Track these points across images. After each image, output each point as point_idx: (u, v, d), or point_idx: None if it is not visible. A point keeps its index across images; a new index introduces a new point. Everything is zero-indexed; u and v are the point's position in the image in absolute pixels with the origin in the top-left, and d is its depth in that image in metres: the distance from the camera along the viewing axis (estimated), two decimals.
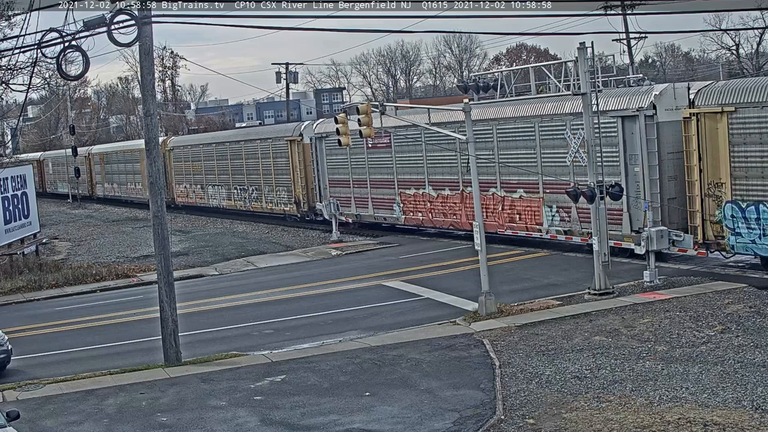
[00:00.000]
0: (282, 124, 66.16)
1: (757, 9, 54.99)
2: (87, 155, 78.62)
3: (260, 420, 16.32)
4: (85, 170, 77.31)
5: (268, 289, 30.20)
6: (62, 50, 20.29)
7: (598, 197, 23.60)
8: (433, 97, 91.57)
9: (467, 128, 24.02)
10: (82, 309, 29.88)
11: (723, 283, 23.81)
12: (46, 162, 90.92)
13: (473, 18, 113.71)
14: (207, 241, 44.20)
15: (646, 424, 14.19)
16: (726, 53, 78.82)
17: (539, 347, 19.37)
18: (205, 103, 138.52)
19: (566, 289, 25.21)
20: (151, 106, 21.31)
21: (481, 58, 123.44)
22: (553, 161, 30.12)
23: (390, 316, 24.29)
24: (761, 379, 15.87)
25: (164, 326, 21.08)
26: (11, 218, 37.83)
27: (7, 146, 60.29)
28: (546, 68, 29.31)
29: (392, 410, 16.16)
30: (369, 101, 43.75)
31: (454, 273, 29.48)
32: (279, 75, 75.80)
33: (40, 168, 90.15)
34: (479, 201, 24.20)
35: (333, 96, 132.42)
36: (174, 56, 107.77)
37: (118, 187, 72.36)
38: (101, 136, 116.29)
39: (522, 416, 15.26)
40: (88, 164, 78.16)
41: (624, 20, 57.40)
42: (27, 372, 21.67)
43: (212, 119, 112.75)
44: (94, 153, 78.77)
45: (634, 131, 27.03)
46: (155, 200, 21.33)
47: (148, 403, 17.85)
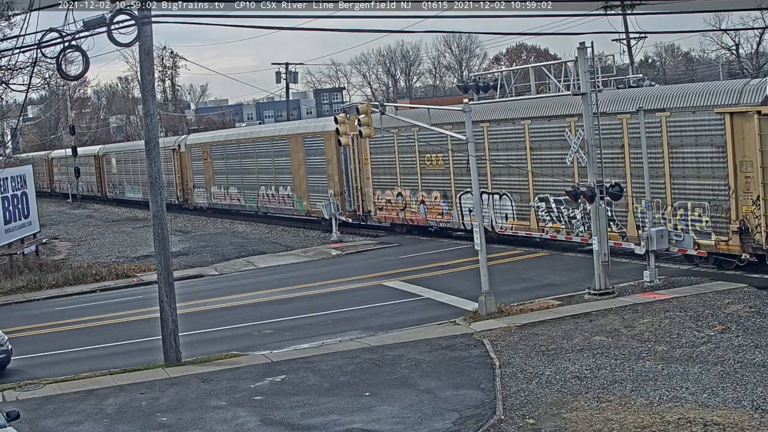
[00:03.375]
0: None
1: (757, 9, 54.99)
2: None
3: (260, 420, 16.32)
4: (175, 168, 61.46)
5: (268, 289, 30.20)
6: (62, 50, 20.29)
7: (598, 197, 23.61)
8: (433, 97, 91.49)
9: (467, 128, 24.02)
10: (82, 309, 29.88)
11: (723, 283, 23.80)
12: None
13: (473, 18, 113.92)
14: (207, 241, 44.20)
15: (646, 424, 14.19)
16: (726, 53, 78.89)
17: (539, 347, 19.37)
18: (205, 103, 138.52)
19: (566, 289, 25.22)
20: (151, 106, 21.31)
21: (481, 58, 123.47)
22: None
23: (390, 316, 24.29)
24: (761, 379, 15.87)
25: (164, 326, 21.09)
26: (11, 218, 37.82)
27: (7, 146, 60.41)
28: (546, 68, 29.33)
29: (392, 410, 16.16)
30: (369, 101, 43.90)
31: (454, 273, 29.48)
32: (279, 75, 75.81)
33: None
34: (479, 201, 24.20)
35: (333, 96, 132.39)
36: (174, 56, 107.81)
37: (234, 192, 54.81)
38: (101, 135, 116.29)
39: (522, 416, 15.26)
40: (178, 161, 61.10)
41: (624, 20, 57.43)
42: (27, 372, 21.67)
43: (212, 119, 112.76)
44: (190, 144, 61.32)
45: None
46: (155, 200, 21.33)
47: (148, 403, 17.84)
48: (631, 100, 27.54)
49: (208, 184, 56.22)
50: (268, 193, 49.01)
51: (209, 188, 56.13)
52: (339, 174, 42.31)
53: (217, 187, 55.14)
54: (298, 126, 49.48)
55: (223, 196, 54.67)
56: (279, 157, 47.65)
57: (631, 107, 27.02)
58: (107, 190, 76.12)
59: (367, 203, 40.79)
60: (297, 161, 45.87)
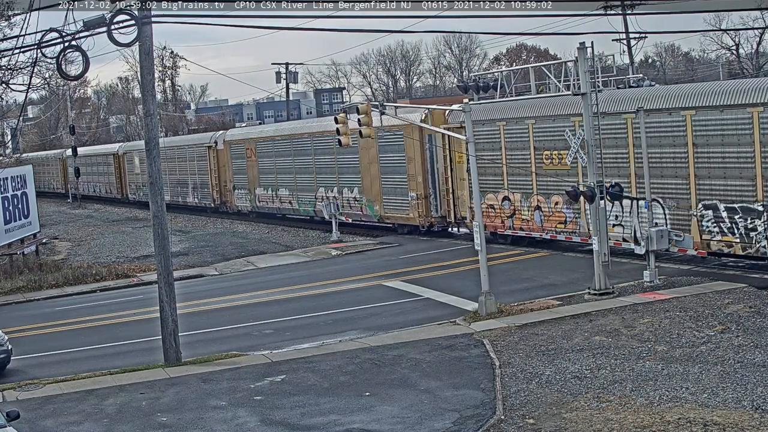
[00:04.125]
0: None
1: (757, 9, 54.98)
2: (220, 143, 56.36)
3: (260, 420, 16.32)
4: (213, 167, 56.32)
5: (268, 289, 30.20)
6: (62, 50, 20.30)
7: (598, 197, 23.60)
8: (433, 97, 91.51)
9: (467, 128, 24.03)
10: (82, 309, 29.88)
11: (723, 283, 23.80)
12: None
13: (473, 18, 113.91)
14: (207, 241, 44.20)
15: (646, 424, 14.19)
16: (726, 53, 78.90)
17: (539, 347, 19.37)
18: (205, 103, 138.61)
19: (566, 289, 25.21)
20: (151, 106, 21.31)
21: (481, 58, 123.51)
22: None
23: (390, 316, 24.29)
24: (761, 379, 15.87)
25: (164, 326, 21.09)
26: (11, 218, 37.83)
27: (7, 146, 60.40)
28: (546, 68, 29.34)
29: (392, 410, 16.16)
30: (369, 101, 43.42)
31: (454, 273, 29.48)
32: (279, 75, 75.84)
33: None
34: (479, 201, 24.20)
35: (333, 96, 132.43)
36: (174, 56, 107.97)
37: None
38: (101, 135, 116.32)
39: (522, 416, 15.26)
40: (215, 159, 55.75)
41: (624, 20, 57.43)
42: (27, 372, 21.67)
43: (212, 119, 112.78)
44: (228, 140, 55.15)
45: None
46: (155, 200, 21.33)
47: (148, 403, 17.84)
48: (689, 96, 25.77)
49: (252, 185, 50.74)
50: (328, 196, 42.80)
51: (253, 190, 50.77)
52: (423, 174, 37.20)
53: (264, 188, 49.63)
54: None
55: (270, 199, 49.07)
56: (343, 154, 41.14)
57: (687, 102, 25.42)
58: (129, 192, 70.26)
59: (460, 208, 35.16)
60: (367, 159, 40.27)
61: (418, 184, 37.25)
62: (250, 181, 50.89)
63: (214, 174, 55.65)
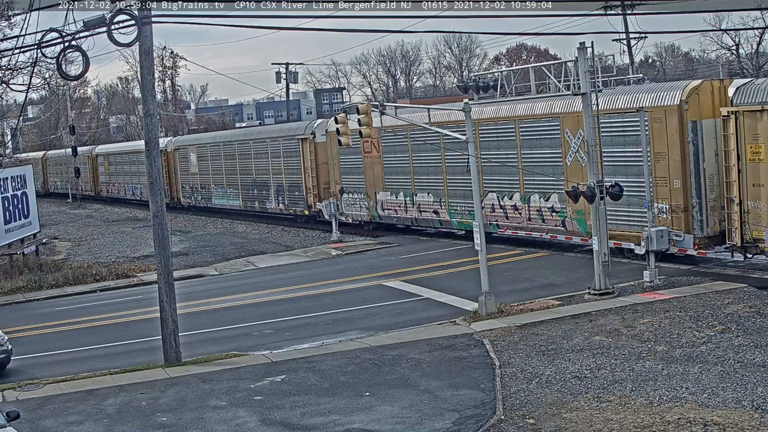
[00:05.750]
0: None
1: (757, 9, 54.95)
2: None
3: (260, 420, 16.32)
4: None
5: (268, 289, 30.20)
6: (62, 50, 20.31)
7: (598, 197, 23.59)
8: (433, 97, 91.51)
9: (467, 128, 24.02)
10: (82, 309, 29.88)
11: (723, 283, 23.81)
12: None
13: (473, 18, 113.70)
14: (207, 241, 44.20)
15: (646, 424, 14.19)
16: (726, 53, 78.80)
17: (539, 347, 19.37)
18: (205, 103, 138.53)
19: (566, 289, 25.21)
20: (151, 106, 21.32)
21: (481, 58, 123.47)
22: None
23: (390, 316, 24.29)
24: (761, 379, 15.87)
25: (164, 326, 21.09)
26: (11, 218, 37.83)
27: (7, 146, 60.31)
28: (546, 68, 29.28)
29: (392, 410, 16.16)
30: (369, 101, 43.23)
31: (454, 273, 29.48)
32: (279, 75, 75.85)
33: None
34: (479, 201, 24.20)
35: (333, 96, 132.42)
36: (174, 56, 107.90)
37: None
38: (101, 135, 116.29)
39: (522, 416, 15.26)
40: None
41: (624, 20, 57.43)
42: (27, 372, 21.66)
43: (212, 119, 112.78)
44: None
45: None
46: (155, 200, 21.33)
47: (148, 403, 17.84)
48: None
49: (372, 188, 39.79)
50: (503, 205, 32.43)
51: (372, 195, 39.84)
52: (684, 177, 25.96)
53: (391, 193, 38.75)
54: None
55: (401, 207, 38.13)
56: (530, 147, 30.94)
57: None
58: (181, 197, 59.61)
59: (751, 226, 24.66)
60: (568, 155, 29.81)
61: (675, 190, 26.29)
62: (369, 183, 39.89)
63: (309, 174, 44.64)
